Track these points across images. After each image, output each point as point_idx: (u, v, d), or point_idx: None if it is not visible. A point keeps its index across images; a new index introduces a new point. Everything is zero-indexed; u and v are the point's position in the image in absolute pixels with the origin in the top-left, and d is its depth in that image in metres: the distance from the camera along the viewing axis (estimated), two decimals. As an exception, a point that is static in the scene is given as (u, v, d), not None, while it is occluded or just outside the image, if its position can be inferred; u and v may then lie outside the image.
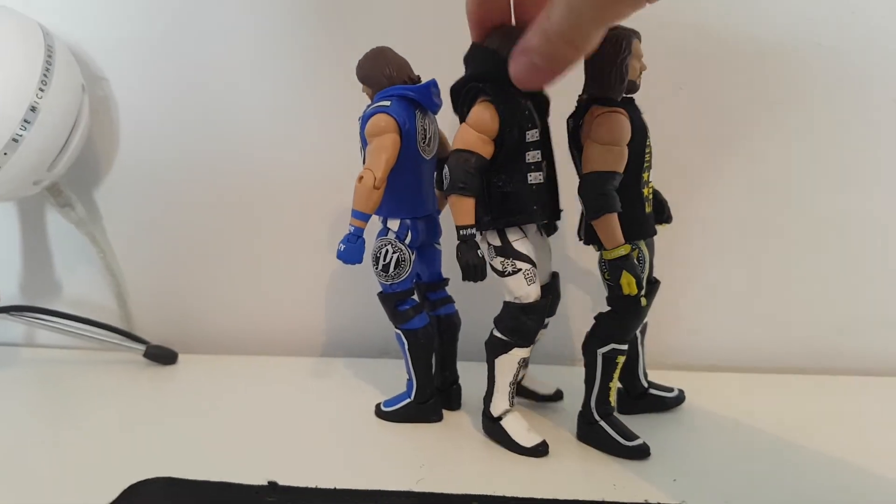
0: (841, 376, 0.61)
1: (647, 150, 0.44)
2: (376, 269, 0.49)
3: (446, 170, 0.40)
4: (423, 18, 0.62)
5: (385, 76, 0.47)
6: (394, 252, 0.48)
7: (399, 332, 0.50)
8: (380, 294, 0.50)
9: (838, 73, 0.60)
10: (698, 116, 0.62)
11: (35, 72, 0.59)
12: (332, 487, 0.41)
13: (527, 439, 0.45)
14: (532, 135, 0.40)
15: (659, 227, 0.48)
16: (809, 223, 0.63)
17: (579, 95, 0.44)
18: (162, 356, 0.68)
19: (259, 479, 0.42)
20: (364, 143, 0.46)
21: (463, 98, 0.42)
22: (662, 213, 0.49)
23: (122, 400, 0.60)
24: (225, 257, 0.73)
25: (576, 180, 0.43)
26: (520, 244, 0.42)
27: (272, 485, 0.41)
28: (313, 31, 0.66)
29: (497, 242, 0.42)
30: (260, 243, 0.72)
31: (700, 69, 0.61)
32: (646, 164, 0.44)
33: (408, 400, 0.52)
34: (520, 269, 0.42)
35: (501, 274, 0.43)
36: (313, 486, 0.41)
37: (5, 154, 0.57)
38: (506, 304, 0.44)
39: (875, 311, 0.64)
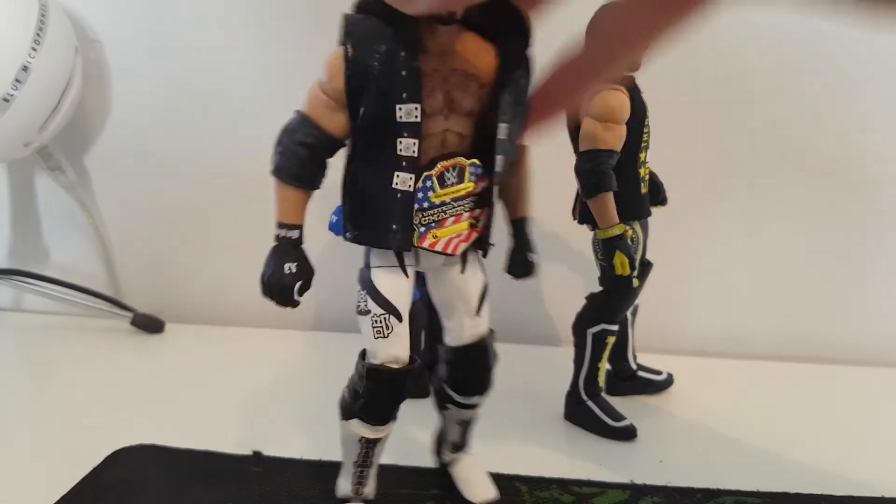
0: (830, 365, 0.61)
1: (645, 130, 0.43)
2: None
3: (277, 139, 0.29)
4: None
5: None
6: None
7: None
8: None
9: (838, 67, 0.60)
10: (698, 101, 0.62)
11: (28, 31, 0.58)
12: (318, 459, 0.41)
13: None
14: (408, 112, 0.25)
15: (654, 209, 0.47)
16: (807, 212, 0.63)
17: (579, 72, 0.43)
18: (149, 324, 0.68)
19: (244, 449, 0.42)
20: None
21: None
22: (658, 195, 0.49)
23: (108, 367, 0.60)
24: (214, 227, 0.73)
25: (567, 162, 0.43)
26: (382, 277, 0.29)
27: (257, 455, 0.41)
28: (311, 11, 0.65)
29: (362, 263, 0.30)
30: (250, 214, 0.71)
31: (704, 53, 0.61)
32: (643, 144, 0.44)
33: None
34: (369, 311, 0.29)
35: (356, 308, 0.30)
36: (298, 457, 0.41)
37: (-5, 114, 0.57)
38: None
39: (866, 302, 0.64)
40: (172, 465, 0.40)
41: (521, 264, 0.29)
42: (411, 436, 0.46)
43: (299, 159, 0.26)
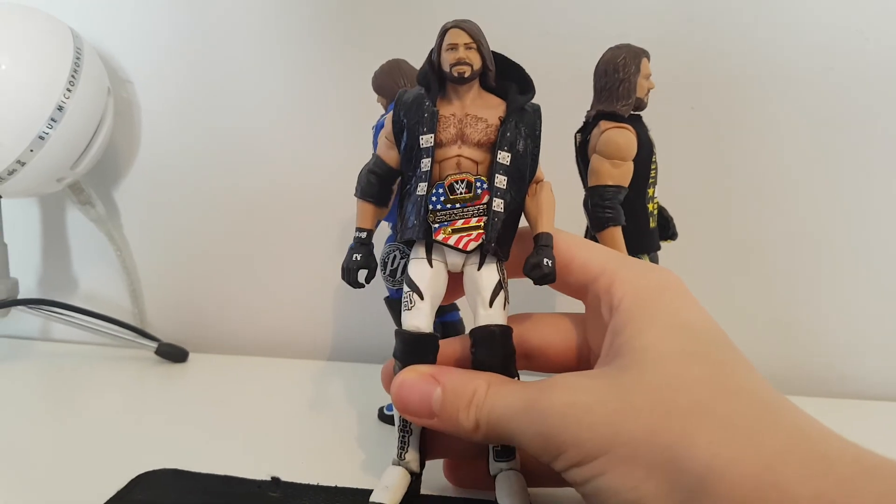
0: (839, 399, 0.61)
1: (652, 167, 0.45)
2: (384, 273, 0.50)
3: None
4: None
5: (399, 87, 0.48)
6: (401, 258, 0.49)
7: (405, 336, 0.51)
8: (386, 299, 0.51)
9: (849, 97, 0.61)
10: (706, 136, 0.63)
11: (63, 73, 0.61)
12: (334, 485, 0.42)
13: (378, 493, 0.36)
14: (426, 140, 0.34)
15: (664, 244, 0.48)
16: (817, 246, 0.64)
17: (587, 111, 0.45)
18: (173, 354, 0.69)
19: (262, 475, 0.43)
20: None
21: None
22: (668, 229, 0.50)
23: (133, 394, 0.62)
24: (238, 260, 0.75)
25: (576, 193, 0.44)
26: (413, 264, 0.36)
27: (275, 480, 0.42)
28: (331, 44, 0.67)
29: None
30: (272, 247, 0.74)
31: (710, 90, 0.62)
32: (651, 180, 0.45)
33: (411, 404, 0.53)
34: (404, 290, 0.36)
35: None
36: (315, 483, 0.42)
37: (31, 151, 0.59)
38: None
39: (874, 335, 0.64)
40: (194, 489, 0.41)
41: (533, 266, 0.33)
42: (426, 464, 0.46)
43: (370, 183, 0.37)
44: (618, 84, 0.42)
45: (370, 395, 0.59)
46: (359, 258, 0.37)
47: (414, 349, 0.36)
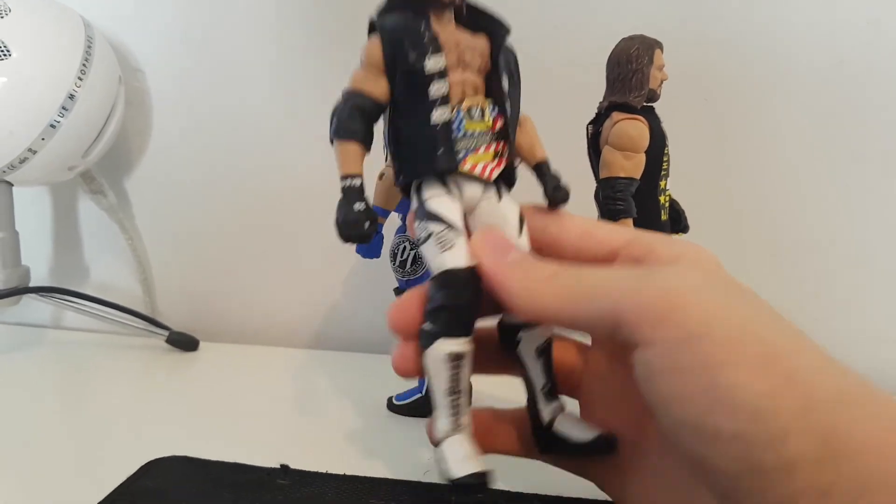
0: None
1: (664, 159, 0.44)
2: (394, 264, 0.50)
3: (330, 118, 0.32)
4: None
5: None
6: (412, 249, 0.49)
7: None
8: (396, 290, 0.51)
9: (862, 90, 0.60)
10: (719, 129, 0.63)
11: (75, 61, 0.61)
12: (342, 473, 0.42)
13: (461, 467, 0.31)
14: (434, 62, 0.30)
15: (675, 237, 0.48)
16: (830, 238, 0.63)
17: (600, 102, 0.44)
18: (183, 343, 0.70)
19: (272, 462, 0.43)
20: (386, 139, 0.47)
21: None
22: (679, 222, 0.50)
23: (144, 383, 0.62)
24: (248, 250, 0.75)
25: (588, 185, 0.44)
26: (434, 201, 0.32)
27: (284, 468, 0.43)
28: (342, 32, 0.67)
29: (415, 204, 0.33)
30: (283, 236, 0.74)
31: (723, 83, 0.62)
32: (663, 173, 0.45)
33: (419, 395, 0.53)
34: (431, 234, 0.31)
35: (418, 243, 0.32)
36: (324, 471, 0.42)
37: (42, 139, 0.60)
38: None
39: (887, 327, 0.64)
40: (203, 476, 0.42)
41: (555, 187, 0.32)
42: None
43: (354, 119, 0.30)
44: (630, 75, 0.42)
45: (380, 384, 0.59)
46: (361, 207, 0.30)
47: (464, 286, 0.31)
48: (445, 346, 0.31)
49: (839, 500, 0.19)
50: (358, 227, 0.30)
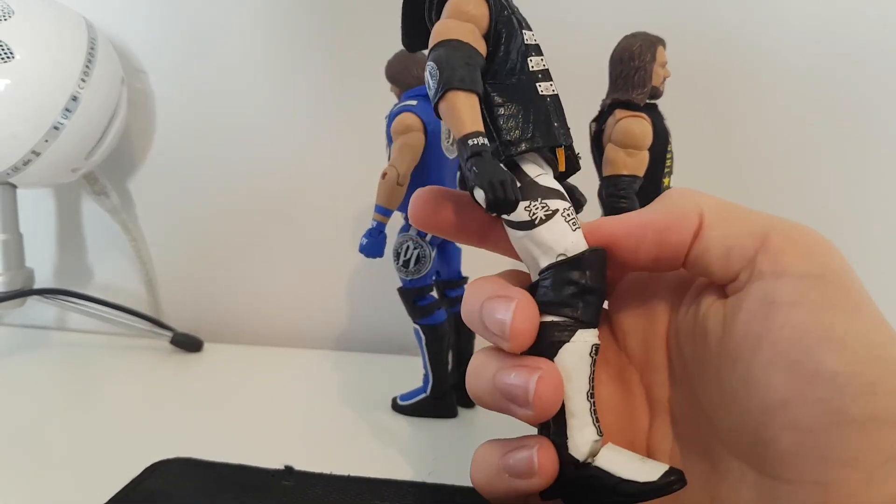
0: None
1: (668, 156, 0.44)
2: (397, 264, 0.50)
3: (431, 67, 0.26)
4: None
5: (413, 76, 0.48)
6: (415, 248, 0.49)
7: (417, 327, 0.51)
8: (400, 289, 0.51)
9: (865, 85, 0.60)
10: (722, 125, 0.63)
11: (78, 63, 0.61)
12: (346, 474, 0.42)
13: (642, 472, 0.25)
14: (530, 37, 0.28)
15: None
16: (839, 235, 0.63)
17: (603, 99, 0.44)
18: (188, 343, 0.70)
19: (276, 464, 0.43)
20: (390, 140, 0.47)
21: (432, 6, 0.30)
22: (682, 219, 0.49)
23: (148, 384, 0.62)
24: (252, 250, 0.75)
25: (591, 182, 0.44)
26: (545, 179, 0.28)
27: (288, 469, 0.43)
28: (345, 35, 0.67)
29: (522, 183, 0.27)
30: (286, 237, 0.74)
31: (727, 79, 0.62)
32: (666, 170, 0.44)
33: (423, 395, 0.53)
34: (556, 210, 0.27)
35: (530, 225, 0.27)
36: (328, 472, 0.42)
37: (46, 141, 0.60)
38: (547, 270, 0.27)
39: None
40: (208, 477, 0.42)
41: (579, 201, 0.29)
42: (438, 454, 0.47)
43: (473, 69, 0.26)
44: (633, 72, 0.42)
45: (384, 385, 0.59)
46: (504, 167, 0.26)
47: (602, 267, 0.27)
48: (589, 337, 0.27)
49: None
50: (513, 186, 0.25)
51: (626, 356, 0.30)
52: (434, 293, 0.52)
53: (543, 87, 0.28)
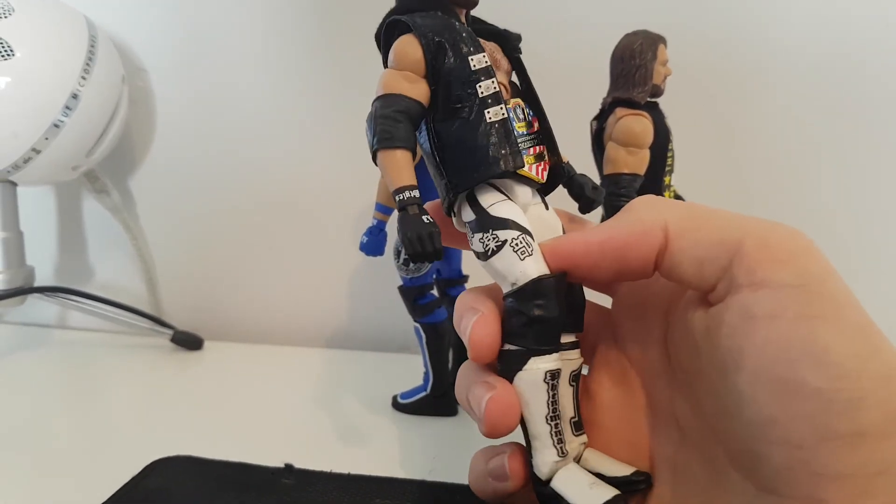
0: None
1: (669, 154, 0.44)
2: (397, 262, 0.49)
3: (366, 125, 0.30)
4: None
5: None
6: (417, 246, 0.49)
7: (418, 325, 0.51)
8: (400, 288, 0.51)
9: (866, 84, 0.60)
10: (723, 124, 0.62)
11: (78, 61, 0.61)
12: (346, 472, 0.42)
13: (588, 498, 0.26)
14: (479, 60, 0.28)
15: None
16: (840, 234, 0.63)
17: (603, 98, 0.44)
18: (188, 341, 0.70)
19: (276, 462, 0.43)
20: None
21: (383, 45, 0.31)
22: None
23: (149, 382, 0.62)
24: (252, 249, 0.75)
25: (595, 180, 0.44)
26: (499, 208, 0.28)
27: (288, 467, 0.43)
28: (344, 34, 0.67)
29: (471, 215, 0.29)
30: (286, 236, 0.74)
31: (728, 78, 0.62)
32: (668, 168, 0.44)
33: (424, 393, 0.53)
34: (504, 241, 0.27)
35: (485, 256, 0.28)
36: (328, 470, 0.42)
37: (46, 139, 0.60)
38: (505, 299, 0.28)
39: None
40: (208, 475, 0.42)
41: (593, 196, 0.31)
42: (438, 452, 0.47)
43: (399, 125, 0.28)
44: (634, 70, 0.41)
45: (384, 383, 0.59)
46: (429, 218, 0.27)
47: (557, 297, 0.27)
48: (542, 365, 0.27)
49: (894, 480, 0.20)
50: (433, 240, 0.26)
51: (627, 360, 0.30)
52: (434, 292, 0.52)
53: (492, 113, 0.28)
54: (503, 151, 0.28)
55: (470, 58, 0.28)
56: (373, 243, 0.47)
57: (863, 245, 0.63)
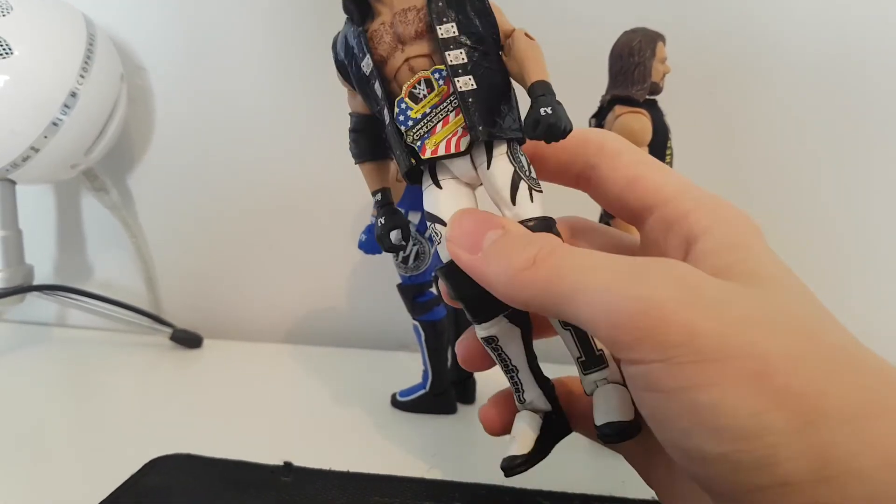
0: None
1: (668, 152, 0.44)
2: (396, 260, 0.49)
3: None
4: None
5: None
6: (414, 244, 0.49)
7: (417, 323, 0.51)
8: (399, 285, 0.51)
9: (866, 82, 0.60)
10: (722, 122, 0.62)
11: (76, 59, 0.61)
12: (345, 470, 0.42)
13: (508, 447, 0.31)
14: (366, 64, 0.30)
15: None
16: (838, 233, 0.63)
17: (602, 95, 0.44)
18: (187, 340, 0.70)
19: (275, 460, 0.43)
20: (388, 136, 0.47)
21: None
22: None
23: (148, 380, 0.62)
24: (252, 247, 0.75)
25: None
26: (430, 201, 0.30)
27: (287, 465, 0.43)
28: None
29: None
30: (285, 234, 0.74)
31: (727, 75, 0.62)
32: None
33: (423, 391, 0.53)
34: (435, 234, 0.30)
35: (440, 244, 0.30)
36: (327, 468, 0.42)
37: (45, 137, 0.60)
38: None
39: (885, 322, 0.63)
40: (207, 474, 0.42)
41: (533, 123, 0.27)
42: (437, 450, 0.47)
43: (356, 143, 0.33)
44: (633, 68, 0.41)
45: (383, 381, 0.59)
46: (384, 221, 0.32)
47: (462, 274, 0.28)
48: (478, 332, 0.30)
49: None
50: (383, 239, 0.32)
51: None
52: (433, 289, 0.52)
53: (385, 117, 0.29)
54: (398, 153, 0.29)
55: (361, 65, 0.30)
56: (371, 241, 0.47)
57: (862, 246, 0.63)
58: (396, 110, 0.29)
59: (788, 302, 0.22)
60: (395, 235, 0.32)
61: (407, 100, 0.29)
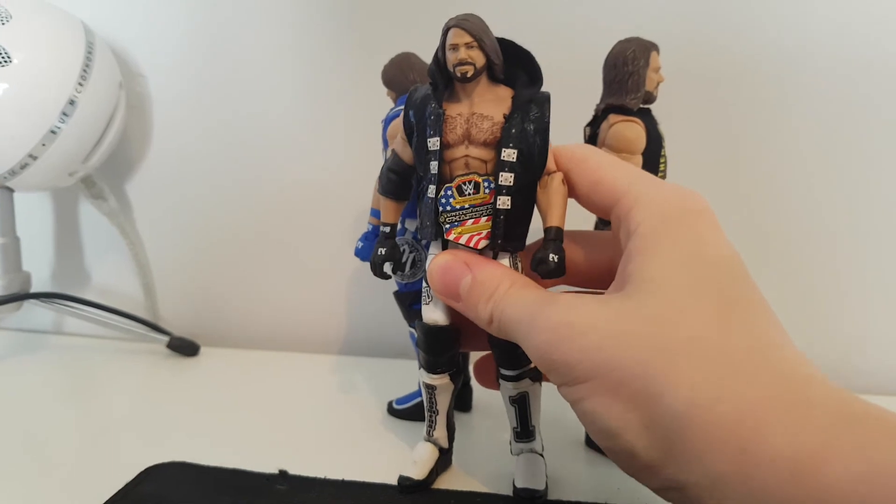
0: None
1: (661, 160, 0.44)
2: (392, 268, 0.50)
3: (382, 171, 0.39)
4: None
5: (409, 81, 0.48)
6: (410, 252, 0.49)
7: (412, 330, 0.51)
8: (396, 293, 0.51)
9: (863, 88, 0.60)
10: (716, 130, 0.63)
11: (75, 67, 0.61)
12: (341, 479, 0.42)
13: (408, 469, 0.41)
14: (433, 143, 0.35)
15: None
16: (832, 239, 0.63)
17: (597, 104, 0.44)
18: (184, 348, 0.70)
19: (270, 468, 0.43)
20: (385, 144, 0.47)
21: None
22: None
23: (144, 388, 0.62)
24: (249, 255, 0.75)
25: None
26: (430, 262, 0.37)
27: (282, 473, 0.43)
28: (342, 38, 0.67)
29: None
30: (284, 242, 0.74)
31: (721, 83, 0.62)
32: (660, 174, 0.45)
33: (419, 399, 0.53)
34: (427, 289, 0.38)
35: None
36: (322, 476, 0.42)
37: (43, 145, 0.60)
38: None
39: (891, 329, 0.63)
40: (203, 482, 0.42)
41: (539, 261, 0.33)
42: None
43: (389, 180, 0.38)
44: (627, 77, 0.42)
45: (379, 389, 0.59)
46: (384, 252, 0.38)
47: (433, 340, 0.38)
48: (423, 378, 0.40)
49: (692, 493, 0.25)
50: (377, 267, 0.39)
51: None
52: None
53: (431, 190, 0.35)
54: (427, 223, 0.36)
55: (428, 140, 0.35)
56: (368, 249, 0.47)
57: (862, 249, 0.63)
58: (442, 193, 0.35)
59: (660, 306, 0.27)
60: (387, 267, 0.40)
61: (454, 189, 0.35)
